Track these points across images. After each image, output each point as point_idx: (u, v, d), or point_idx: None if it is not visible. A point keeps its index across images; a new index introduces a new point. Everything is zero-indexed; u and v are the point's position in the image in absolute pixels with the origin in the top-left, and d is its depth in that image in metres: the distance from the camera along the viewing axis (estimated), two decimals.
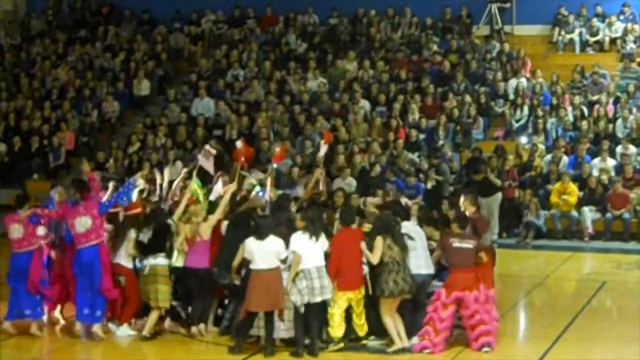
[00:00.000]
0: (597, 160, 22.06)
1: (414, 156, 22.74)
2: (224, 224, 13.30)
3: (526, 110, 23.96)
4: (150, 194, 14.22)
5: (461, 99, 24.39)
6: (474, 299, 12.33)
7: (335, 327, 12.42)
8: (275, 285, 12.14)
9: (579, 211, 21.18)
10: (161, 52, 28.01)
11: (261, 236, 12.18)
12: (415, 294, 12.49)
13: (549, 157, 22.31)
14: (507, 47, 26.22)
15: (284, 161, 19.43)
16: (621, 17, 26.41)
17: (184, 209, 13.26)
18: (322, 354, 12.28)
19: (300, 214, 12.85)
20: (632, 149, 22.24)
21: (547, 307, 16.14)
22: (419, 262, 12.63)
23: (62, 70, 27.54)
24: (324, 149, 15.50)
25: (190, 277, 13.08)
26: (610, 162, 21.98)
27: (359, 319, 12.56)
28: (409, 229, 12.77)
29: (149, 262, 13.01)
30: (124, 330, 13.31)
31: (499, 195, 20.60)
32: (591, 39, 26.49)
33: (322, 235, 12.43)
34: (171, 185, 14.29)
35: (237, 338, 12.48)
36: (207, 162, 14.15)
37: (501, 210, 20.71)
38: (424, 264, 12.69)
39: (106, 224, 13.18)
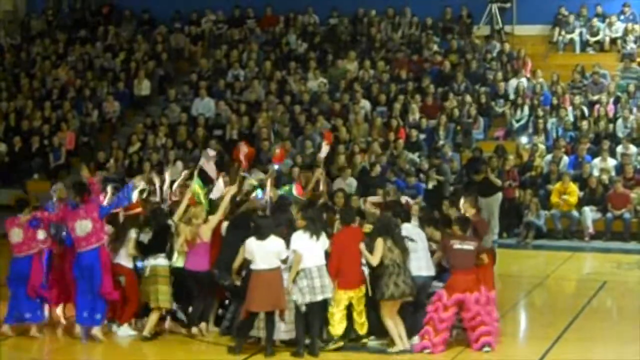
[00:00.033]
0: (597, 160, 22.04)
1: (414, 156, 22.73)
2: (224, 225, 13.30)
3: (526, 110, 23.95)
4: (150, 194, 14.20)
5: (461, 99, 24.38)
6: (474, 301, 12.32)
7: (336, 325, 12.41)
8: (276, 286, 12.14)
9: (579, 211, 21.18)
10: (161, 52, 28.00)
11: (262, 236, 12.18)
12: (416, 295, 12.48)
13: (549, 157, 22.29)
14: (507, 47, 26.21)
15: (284, 162, 19.41)
16: (621, 17, 26.40)
17: (184, 210, 13.26)
18: (322, 353, 12.28)
19: (300, 214, 12.85)
20: (632, 148, 22.23)
21: (548, 307, 16.13)
22: (420, 264, 12.61)
23: (63, 70, 27.53)
24: (325, 149, 15.48)
25: (190, 280, 13.09)
26: (611, 162, 21.97)
27: (360, 317, 12.55)
28: (409, 230, 12.76)
29: (149, 263, 13.01)
30: (124, 331, 13.31)
31: (500, 195, 20.56)
32: (591, 39, 26.48)
33: (322, 234, 12.44)
34: (172, 185, 14.29)
35: (238, 338, 12.48)
36: (208, 165, 14.13)
37: (501, 210, 20.68)
38: (424, 265, 12.67)
39: (107, 226, 13.17)
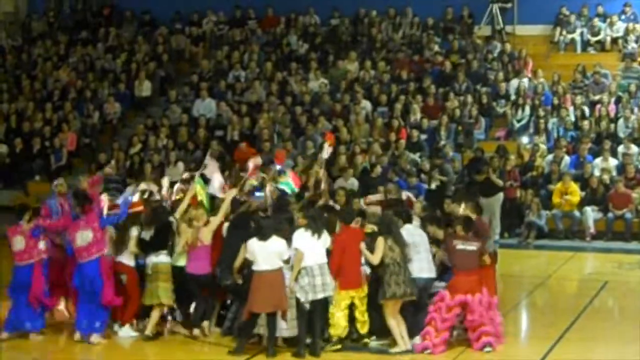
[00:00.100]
0: (598, 160, 22.03)
1: (415, 156, 22.73)
2: (224, 226, 13.28)
3: (528, 110, 23.96)
4: (151, 194, 14.19)
5: (463, 99, 24.38)
6: (478, 302, 12.30)
7: (337, 325, 12.39)
8: (278, 286, 12.12)
9: (580, 211, 21.17)
10: (162, 53, 28.01)
11: (264, 237, 12.16)
12: (417, 296, 12.46)
13: (550, 157, 22.29)
14: (508, 47, 26.23)
15: (285, 162, 19.38)
16: (622, 16, 26.42)
17: (186, 208, 13.26)
18: (324, 353, 12.25)
19: (301, 213, 12.84)
20: (634, 148, 22.22)
21: (549, 307, 16.11)
22: (422, 266, 12.57)
23: (64, 72, 27.55)
24: (327, 151, 15.43)
25: (192, 283, 13.08)
26: (612, 162, 21.96)
27: (362, 315, 12.52)
28: (411, 231, 12.72)
29: (151, 261, 13.02)
30: (125, 331, 13.29)
31: (501, 195, 20.57)
32: (592, 38, 26.49)
33: (324, 232, 12.43)
34: (172, 187, 14.29)
35: (240, 339, 12.47)
36: (211, 169, 14.10)
37: (503, 211, 20.69)
38: (426, 267, 12.63)
39: (108, 227, 13.17)
